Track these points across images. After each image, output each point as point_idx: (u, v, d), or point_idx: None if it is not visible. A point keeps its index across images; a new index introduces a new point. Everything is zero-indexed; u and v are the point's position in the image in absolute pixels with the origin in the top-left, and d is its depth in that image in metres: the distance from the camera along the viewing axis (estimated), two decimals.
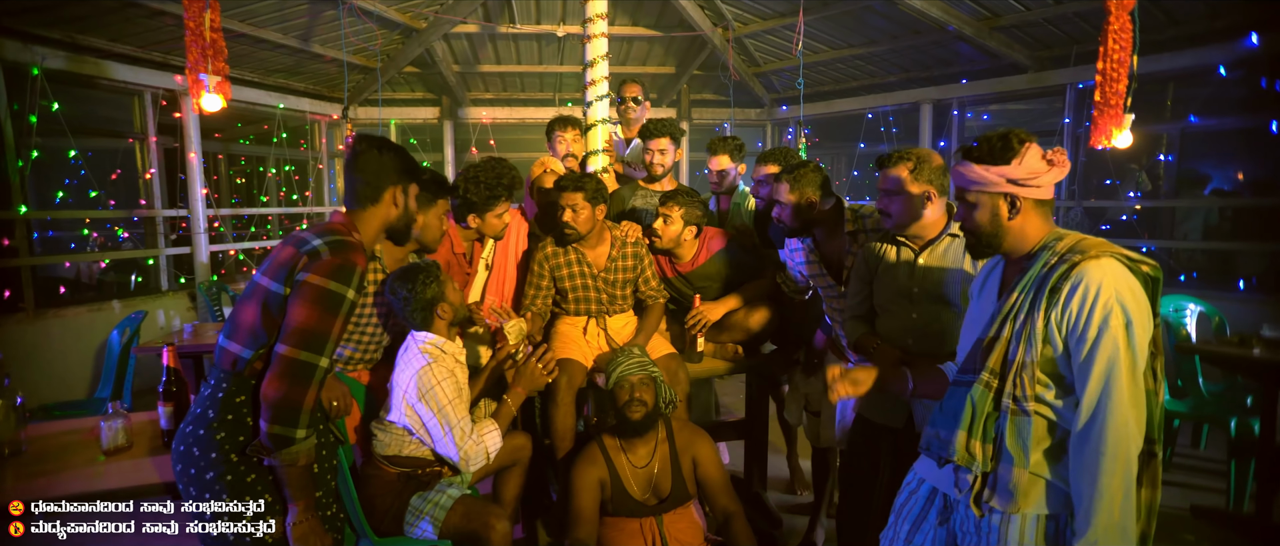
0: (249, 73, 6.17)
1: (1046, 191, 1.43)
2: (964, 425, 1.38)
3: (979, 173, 1.42)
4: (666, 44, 7.09)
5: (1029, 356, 1.34)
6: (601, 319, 2.73)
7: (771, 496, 3.18)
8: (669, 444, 2.35)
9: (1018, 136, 1.41)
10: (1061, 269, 1.32)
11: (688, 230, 2.77)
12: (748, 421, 3.03)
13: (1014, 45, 5.52)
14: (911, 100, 6.56)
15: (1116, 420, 1.23)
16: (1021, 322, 1.35)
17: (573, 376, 2.46)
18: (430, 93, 7.75)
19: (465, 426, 2.04)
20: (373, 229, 1.71)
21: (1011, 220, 1.43)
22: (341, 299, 1.51)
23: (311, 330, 1.48)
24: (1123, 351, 1.24)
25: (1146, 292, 1.32)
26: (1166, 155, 5.24)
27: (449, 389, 2.00)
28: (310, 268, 1.50)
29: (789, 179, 2.24)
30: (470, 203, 2.44)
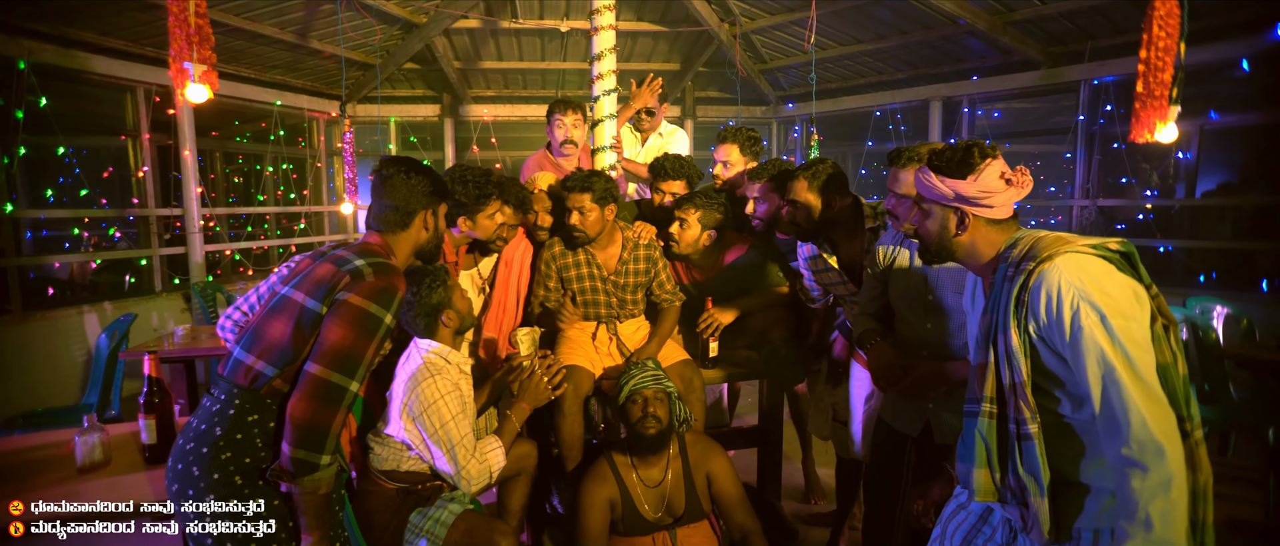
0: (246, 68, 6.04)
1: (1000, 210, 1.37)
2: (979, 462, 1.31)
3: (933, 182, 1.39)
4: (671, 40, 6.96)
5: (1017, 378, 1.26)
6: (612, 324, 2.61)
7: (786, 506, 3.06)
8: (682, 459, 2.23)
9: (980, 150, 1.36)
10: (1021, 280, 1.24)
11: (706, 235, 2.63)
12: (761, 428, 2.90)
13: (1027, 40, 5.39)
14: (921, 97, 6.44)
15: (1133, 423, 1.13)
16: (1001, 343, 1.28)
17: (580, 384, 2.34)
18: (431, 89, 7.62)
19: (468, 444, 1.92)
20: (405, 252, 1.69)
21: (959, 235, 1.39)
22: (380, 323, 1.46)
23: (347, 352, 1.42)
24: (1108, 349, 1.16)
25: (1123, 271, 1.24)
26: (1185, 153, 5.11)
27: (452, 404, 1.88)
28: (353, 288, 1.46)
29: (805, 176, 2.12)
30: (459, 203, 2.29)
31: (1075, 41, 5.29)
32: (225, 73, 5.79)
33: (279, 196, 7.05)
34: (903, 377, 1.71)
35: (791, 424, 3.21)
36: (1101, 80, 5.25)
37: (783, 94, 7.70)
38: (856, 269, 2.19)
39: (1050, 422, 1.30)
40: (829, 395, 2.57)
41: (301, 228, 7.15)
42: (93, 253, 5.12)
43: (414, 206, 1.65)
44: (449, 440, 1.87)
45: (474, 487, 1.94)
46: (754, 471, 2.97)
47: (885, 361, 1.81)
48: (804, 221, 2.15)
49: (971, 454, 1.34)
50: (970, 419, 1.36)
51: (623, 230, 2.61)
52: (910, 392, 1.67)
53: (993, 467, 1.32)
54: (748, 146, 2.94)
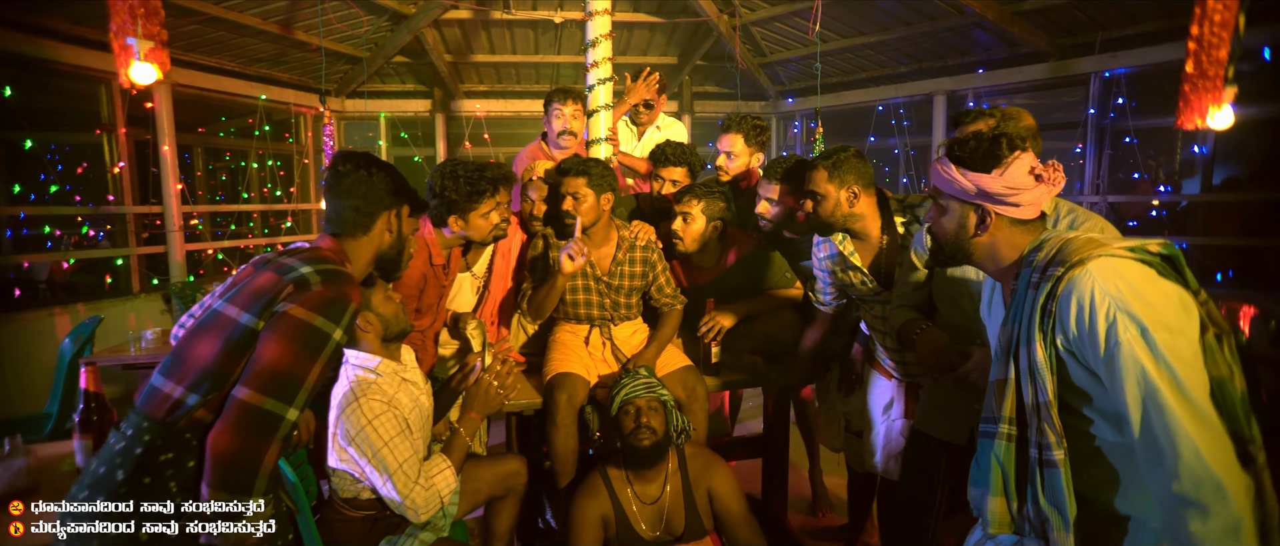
0: (229, 61, 5.84)
1: (1027, 210, 1.23)
2: (995, 488, 1.17)
3: (954, 175, 1.25)
4: (669, 32, 6.78)
5: (1041, 397, 1.11)
6: (605, 327, 2.43)
7: (792, 518, 2.89)
8: (681, 474, 2.06)
9: (1009, 141, 1.22)
10: (1047, 287, 1.10)
11: (712, 226, 2.45)
12: (766, 437, 2.73)
13: (1035, 31, 5.23)
14: (924, 91, 6.27)
15: (1183, 454, 0.97)
16: (1023, 358, 1.13)
17: (573, 393, 2.16)
18: (421, 84, 7.43)
19: (410, 470, 1.69)
20: (364, 259, 1.53)
21: (978, 236, 1.25)
22: (326, 339, 1.28)
23: (285, 372, 1.23)
24: (1150, 367, 1.00)
25: (1166, 276, 1.08)
26: (1200, 147, 4.96)
27: (385, 427, 1.66)
28: (296, 298, 1.28)
29: (828, 167, 1.94)
30: (450, 201, 2.12)
31: (1085, 32, 5.14)
32: (207, 66, 5.62)
33: (266, 194, 6.86)
34: (959, 363, 1.53)
35: (796, 429, 3.04)
36: (1113, 72, 5.10)
37: (782, 88, 7.53)
38: (883, 269, 2.02)
39: (1080, 447, 1.15)
40: (841, 404, 2.40)
41: (288, 226, 6.96)
42: (66, 252, 4.91)
43: (374, 207, 1.49)
44: (385, 467, 1.66)
45: (422, 517, 1.72)
46: (757, 481, 2.81)
47: (938, 346, 1.61)
48: (826, 216, 1.97)
49: (986, 479, 1.19)
50: (986, 440, 1.21)
51: (619, 229, 2.43)
52: (969, 382, 1.50)
53: (1010, 496, 1.18)
54: (753, 136, 2.77)
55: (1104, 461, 1.15)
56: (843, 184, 1.94)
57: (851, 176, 1.94)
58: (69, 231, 4.96)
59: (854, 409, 2.33)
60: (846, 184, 1.94)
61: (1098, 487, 1.15)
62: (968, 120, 1.71)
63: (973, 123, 1.69)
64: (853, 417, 2.35)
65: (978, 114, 1.68)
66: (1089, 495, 1.15)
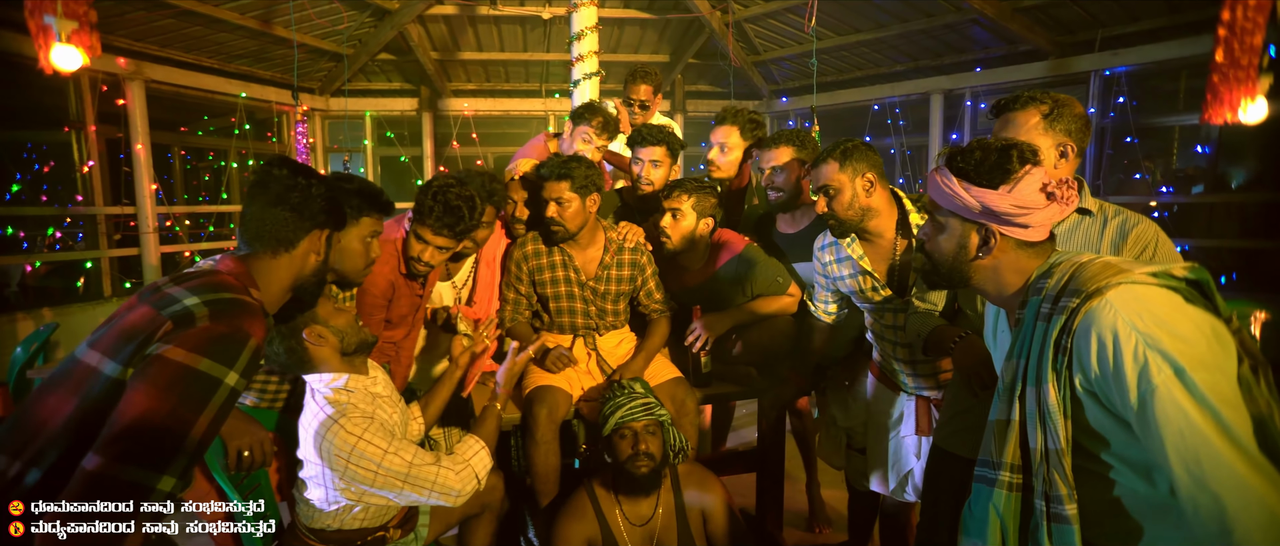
0: (206, 57, 5.67)
1: (1036, 231, 1.09)
2: (992, 541, 1.05)
3: (955, 189, 1.11)
4: (660, 29, 6.65)
5: (1052, 444, 0.98)
6: (590, 337, 2.28)
7: (788, 535, 2.76)
8: (675, 493, 1.92)
9: (1021, 154, 1.07)
10: (1061, 320, 0.97)
11: (703, 223, 2.30)
12: (761, 450, 2.59)
13: (1035, 28, 5.13)
14: (921, 90, 6.17)
15: (1234, 508, 0.84)
16: (1031, 399, 1.01)
17: (554, 408, 2.02)
18: (408, 82, 7.28)
19: (423, 464, 1.55)
20: (280, 284, 1.29)
21: (980, 258, 1.11)
22: (215, 386, 1.03)
23: (155, 430, 0.98)
24: (1193, 412, 0.87)
25: (1193, 303, 0.95)
26: (1203, 147, 4.86)
27: (377, 440, 1.52)
28: (174, 337, 1.03)
29: (837, 158, 1.79)
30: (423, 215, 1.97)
31: (1085, 30, 5.04)
32: (183, 62, 5.45)
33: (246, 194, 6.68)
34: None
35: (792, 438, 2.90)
36: (1113, 71, 4.99)
37: (776, 87, 7.41)
38: (898, 274, 1.88)
39: (1096, 497, 1.02)
40: (843, 419, 2.26)
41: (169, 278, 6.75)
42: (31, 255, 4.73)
43: (305, 223, 1.27)
44: (396, 475, 1.52)
45: (464, 496, 1.60)
46: (751, 496, 2.67)
47: (979, 355, 1.46)
48: (843, 212, 1.82)
49: (983, 530, 1.07)
50: (983, 487, 1.09)
51: (606, 230, 2.29)
52: None
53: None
54: (749, 130, 2.62)
55: (1125, 514, 1.02)
56: (857, 173, 1.79)
57: (864, 164, 1.79)
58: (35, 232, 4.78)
59: (856, 424, 2.19)
60: (860, 172, 1.79)
61: (1117, 541, 1.03)
62: (1017, 106, 1.52)
63: (1023, 108, 1.51)
64: (855, 434, 2.21)
65: (1030, 98, 1.52)
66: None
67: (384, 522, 1.66)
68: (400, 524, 1.72)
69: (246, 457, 1.59)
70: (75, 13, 2.90)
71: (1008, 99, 1.57)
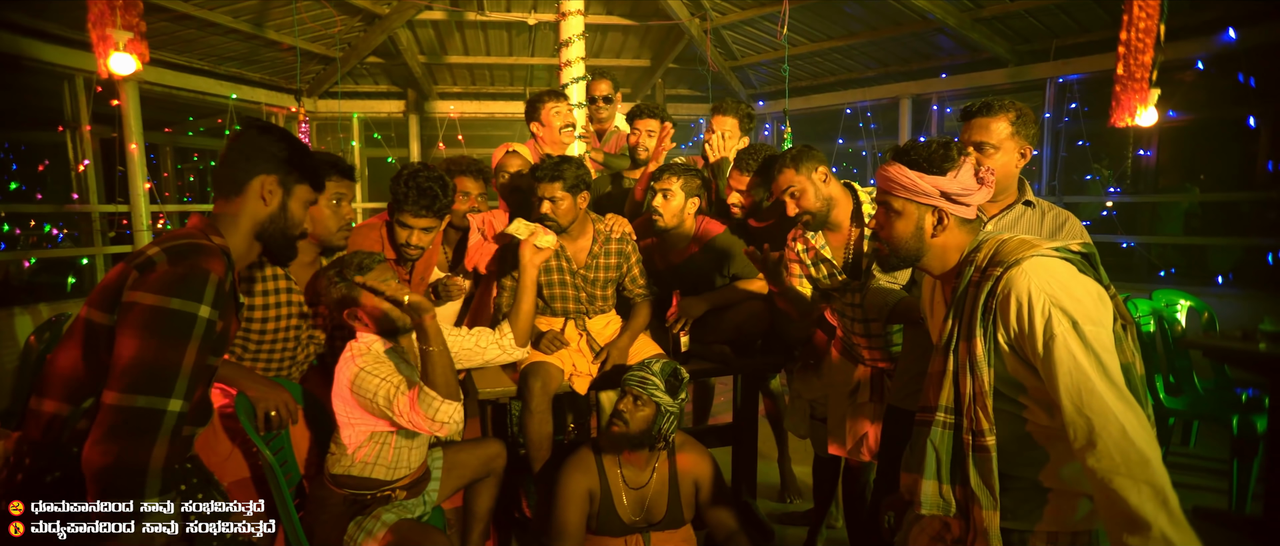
0: (198, 59, 5.78)
1: (972, 210, 1.35)
2: (928, 473, 1.28)
3: (911, 179, 1.34)
4: (641, 35, 6.88)
5: (977, 387, 1.22)
6: (580, 320, 2.50)
7: (761, 505, 2.99)
8: (670, 464, 2.13)
9: (958, 147, 1.35)
10: (987, 286, 1.22)
11: (690, 203, 2.56)
12: (735, 426, 2.83)
13: (995, 37, 5.44)
14: (891, 95, 6.46)
15: (1112, 432, 1.09)
16: (962, 352, 1.25)
17: (547, 381, 2.23)
18: (395, 85, 7.42)
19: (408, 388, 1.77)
20: (240, 231, 1.36)
21: (935, 236, 1.35)
22: (190, 319, 1.15)
23: (149, 366, 1.12)
24: (1082, 356, 1.12)
25: (1084, 272, 1.22)
26: (1145, 150, 5.21)
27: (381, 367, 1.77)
28: (140, 284, 1.15)
29: (791, 164, 2.05)
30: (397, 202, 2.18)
31: (1041, 40, 5.36)
32: (176, 64, 5.56)
33: None
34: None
35: (767, 421, 3.14)
36: (1067, 78, 5.33)
37: (753, 92, 7.68)
38: (853, 260, 2.13)
39: (1011, 432, 1.27)
40: (806, 390, 2.50)
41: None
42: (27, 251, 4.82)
43: (252, 169, 1.34)
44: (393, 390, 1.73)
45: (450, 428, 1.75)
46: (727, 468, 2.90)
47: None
48: (811, 207, 2.08)
49: (921, 464, 1.30)
50: (923, 427, 1.32)
51: (594, 222, 2.51)
52: None
53: (942, 479, 1.29)
54: (745, 123, 2.89)
55: (1033, 444, 1.26)
56: (810, 171, 2.05)
57: (813, 162, 2.06)
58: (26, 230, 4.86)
59: (819, 397, 2.43)
60: (813, 169, 2.05)
61: (1025, 467, 1.27)
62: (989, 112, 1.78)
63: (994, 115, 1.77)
64: (818, 404, 2.45)
65: (1001, 106, 1.78)
66: (1016, 473, 1.27)
67: (392, 479, 1.86)
68: (408, 486, 1.92)
69: (274, 417, 1.78)
70: (131, 24, 3.24)
71: (980, 104, 1.84)
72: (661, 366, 2.06)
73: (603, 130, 3.61)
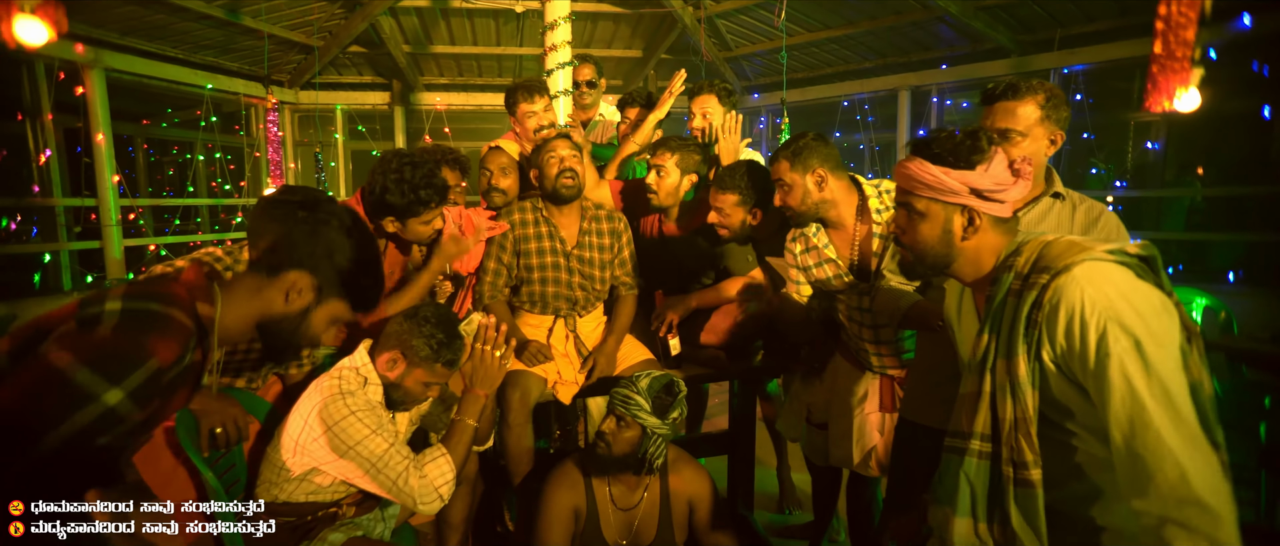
0: (171, 47, 5.55)
1: (1007, 209, 1.16)
2: (961, 508, 1.10)
3: (935, 176, 1.15)
4: (633, 25, 6.68)
5: (1020, 412, 1.04)
6: (571, 318, 2.31)
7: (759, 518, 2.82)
8: (661, 483, 1.95)
9: (988, 136, 1.15)
10: (1031, 295, 1.04)
11: (687, 179, 2.38)
12: (732, 434, 2.65)
13: (998, 27, 5.28)
14: (889, 87, 6.30)
15: (1170, 476, 0.91)
16: (1001, 371, 1.07)
17: (528, 392, 2.04)
18: (380, 76, 7.21)
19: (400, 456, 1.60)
20: (244, 313, 1.16)
21: (966, 239, 1.16)
22: (85, 401, 0.92)
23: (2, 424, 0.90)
24: (1139, 381, 0.94)
25: (1150, 280, 1.03)
26: (1153, 143, 5.06)
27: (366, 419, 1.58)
28: (66, 340, 0.96)
29: (788, 156, 1.86)
30: (388, 205, 1.95)
31: (1045, 29, 5.21)
32: (146, 51, 5.32)
33: (214, 188, 6.55)
34: None
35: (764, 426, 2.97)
36: (1071, 69, 5.17)
37: (748, 84, 7.50)
38: (859, 259, 1.94)
39: (1061, 461, 1.09)
40: (804, 392, 2.32)
41: (239, 221, 6.66)
42: None
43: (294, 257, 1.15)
44: (369, 458, 1.55)
45: (424, 509, 1.62)
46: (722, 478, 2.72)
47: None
48: (797, 205, 1.90)
49: (953, 497, 1.12)
50: (954, 455, 1.14)
51: (582, 202, 2.34)
52: None
53: (977, 516, 1.11)
54: (726, 98, 2.69)
55: (1085, 477, 1.09)
56: (807, 169, 1.86)
57: (815, 160, 1.86)
58: None
59: (818, 399, 2.25)
60: (811, 168, 1.86)
61: (1077, 503, 1.10)
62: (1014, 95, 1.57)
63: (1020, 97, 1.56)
64: (815, 408, 2.28)
65: (1028, 87, 1.57)
66: (1066, 510, 1.10)
67: (336, 499, 1.67)
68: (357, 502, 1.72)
69: (220, 435, 1.59)
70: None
71: (1003, 85, 1.63)
72: (650, 383, 1.87)
73: (587, 119, 3.41)
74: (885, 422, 1.99)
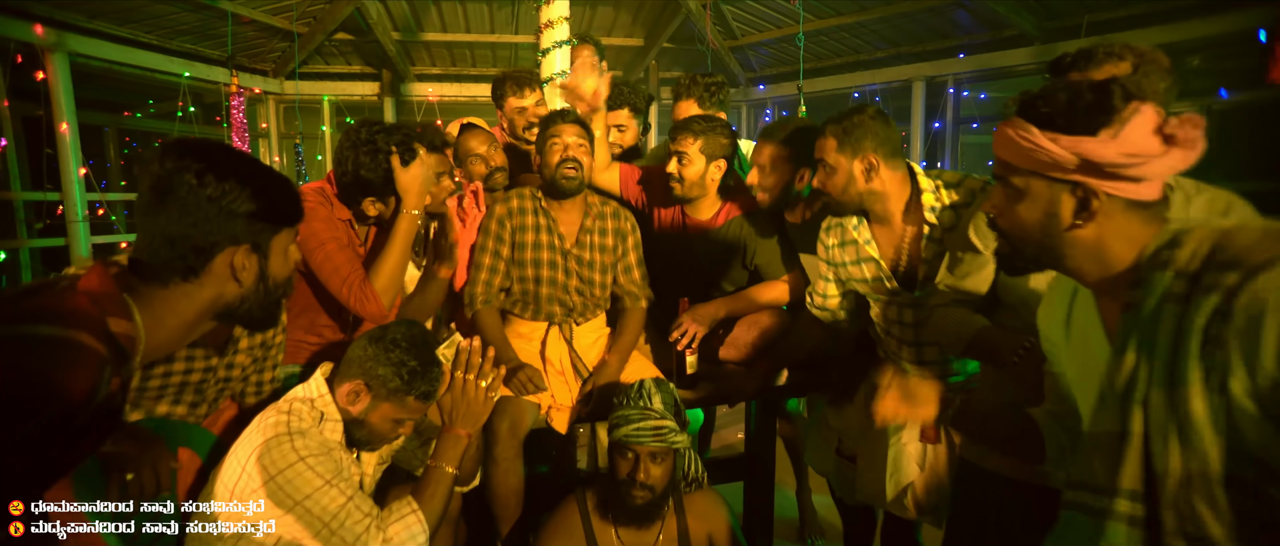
0: (144, 32, 5.23)
1: (1151, 188, 0.85)
2: None
3: (1038, 142, 0.87)
4: (634, 11, 6.36)
5: (1195, 465, 0.75)
6: (567, 326, 2.01)
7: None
8: (678, 518, 1.67)
9: (1124, 90, 0.84)
10: (1210, 301, 0.74)
11: (714, 166, 2.06)
12: (750, 457, 2.36)
13: (1021, 12, 4.98)
14: (903, 78, 6.00)
15: None
16: (1160, 407, 0.78)
17: (517, 421, 1.74)
18: (368, 65, 6.89)
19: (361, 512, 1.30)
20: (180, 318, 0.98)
21: (1077, 228, 0.87)
22: None
23: None
24: None
25: None
26: None
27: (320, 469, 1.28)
28: None
29: (837, 134, 1.57)
30: (365, 181, 1.68)
31: (1072, 15, 4.91)
32: (117, 36, 5.00)
33: None
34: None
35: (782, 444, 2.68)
36: None
37: (753, 75, 7.19)
38: (904, 263, 1.65)
39: (1251, 533, 0.78)
40: (834, 419, 2.03)
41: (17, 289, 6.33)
42: None
43: (212, 237, 0.96)
44: (321, 516, 1.26)
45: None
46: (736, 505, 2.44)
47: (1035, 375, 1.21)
48: (837, 193, 1.61)
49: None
50: (1082, 514, 0.86)
51: (586, 195, 2.05)
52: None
53: None
54: (708, 98, 2.39)
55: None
56: (857, 152, 1.57)
57: (869, 142, 1.57)
58: None
59: (849, 427, 1.96)
60: (862, 153, 1.57)
61: None
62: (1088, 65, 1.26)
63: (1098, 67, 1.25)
64: (846, 437, 1.99)
65: (1107, 54, 1.25)
66: None
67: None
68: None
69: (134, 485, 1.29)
70: None
71: (1074, 55, 1.34)
72: (662, 397, 1.60)
73: None
74: (926, 456, 1.70)
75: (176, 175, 0.95)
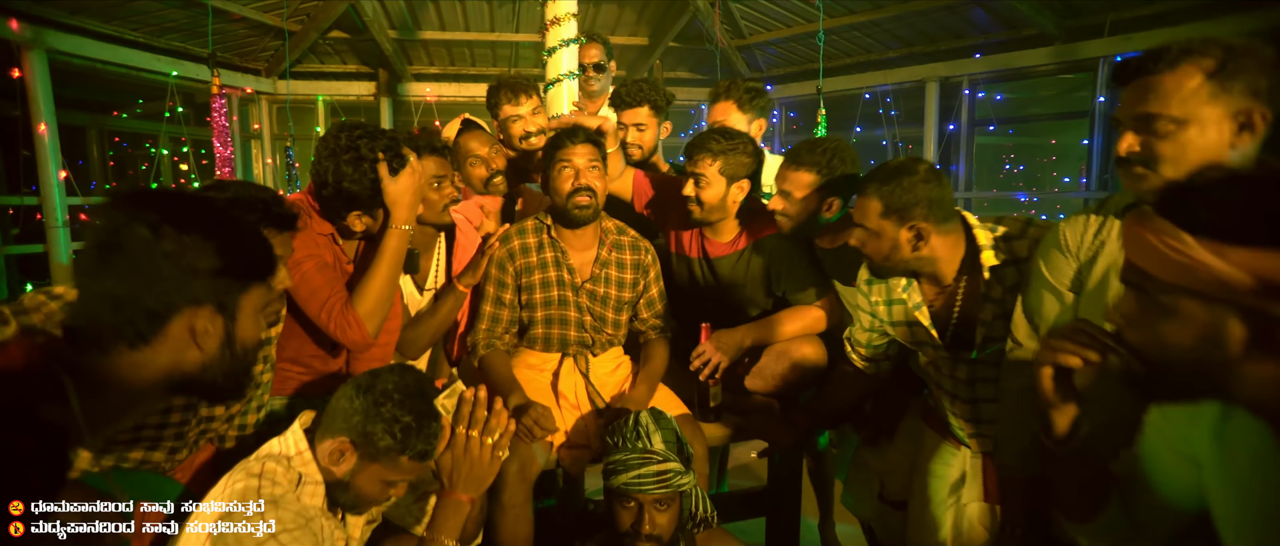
0: (130, 30, 5.03)
1: None
2: None
3: (1197, 258, 0.69)
4: (640, 9, 6.17)
5: None
6: (582, 357, 1.83)
7: None
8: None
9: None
10: None
11: (736, 188, 1.87)
12: (773, 492, 2.17)
13: (1042, 10, 4.81)
14: (916, 78, 5.82)
15: None
16: None
17: (528, 463, 1.56)
18: (365, 65, 6.69)
19: None
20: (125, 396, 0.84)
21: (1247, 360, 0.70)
22: None
23: None
24: None
25: None
26: None
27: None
28: None
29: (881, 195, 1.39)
30: (348, 193, 1.49)
31: (1095, 13, 4.73)
32: (101, 33, 4.80)
33: (184, 185, 6.04)
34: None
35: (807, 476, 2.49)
36: (1125, 57, 4.69)
37: (761, 75, 7.00)
38: (953, 321, 1.46)
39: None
40: (874, 460, 1.84)
41: None
42: None
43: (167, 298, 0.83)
44: None
45: None
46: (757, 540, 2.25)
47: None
48: (880, 259, 1.42)
49: None
50: None
51: (600, 220, 1.87)
52: None
53: None
54: (748, 103, 2.24)
55: None
56: (905, 220, 1.37)
57: (919, 210, 1.36)
58: None
59: (893, 470, 1.77)
60: (910, 219, 1.37)
61: None
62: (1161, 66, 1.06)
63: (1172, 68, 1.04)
64: (890, 481, 1.79)
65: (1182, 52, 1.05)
66: None
67: None
68: None
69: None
70: None
71: (1145, 57, 1.13)
72: (662, 434, 1.41)
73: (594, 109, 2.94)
74: (994, 517, 1.51)
75: (127, 228, 0.80)
